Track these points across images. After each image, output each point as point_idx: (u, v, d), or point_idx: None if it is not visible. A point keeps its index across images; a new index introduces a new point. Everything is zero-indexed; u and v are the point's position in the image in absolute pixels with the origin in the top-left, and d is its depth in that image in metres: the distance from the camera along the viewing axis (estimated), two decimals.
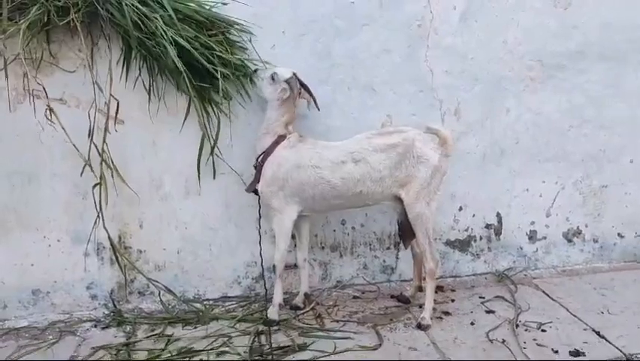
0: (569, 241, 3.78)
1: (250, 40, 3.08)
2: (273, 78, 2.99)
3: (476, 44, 3.41)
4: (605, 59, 3.57)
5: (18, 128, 2.99)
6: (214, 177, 3.21)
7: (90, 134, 2.90)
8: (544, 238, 3.75)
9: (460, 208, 3.61)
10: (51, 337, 3.00)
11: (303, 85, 3.03)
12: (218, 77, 2.92)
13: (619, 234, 3.83)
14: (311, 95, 3.07)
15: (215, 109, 3.10)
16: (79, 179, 3.04)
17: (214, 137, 3.10)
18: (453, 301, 3.37)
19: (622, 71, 3.61)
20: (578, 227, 3.77)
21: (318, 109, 3.11)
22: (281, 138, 2.99)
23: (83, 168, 2.95)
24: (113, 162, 3.00)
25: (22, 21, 2.74)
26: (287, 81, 2.96)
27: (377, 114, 3.38)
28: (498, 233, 3.68)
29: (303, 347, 2.84)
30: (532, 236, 3.73)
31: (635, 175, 3.76)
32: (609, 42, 3.55)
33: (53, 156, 3.04)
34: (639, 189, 3.79)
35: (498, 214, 3.66)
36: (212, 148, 3.12)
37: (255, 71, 3.05)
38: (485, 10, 3.38)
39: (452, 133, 3.36)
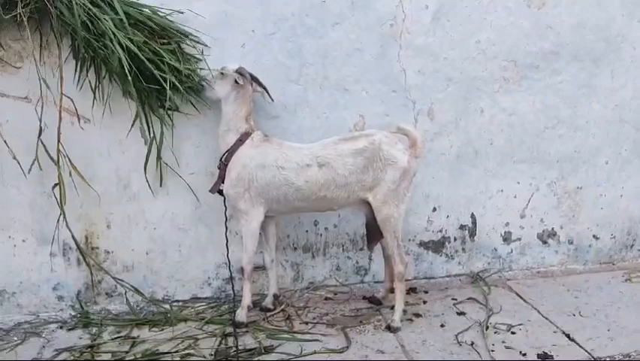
0: (544, 242, 3.76)
1: (203, 53, 3.04)
2: (222, 73, 2.96)
3: (449, 44, 3.38)
4: (580, 59, 3.54)
5: None
6: (161, 185, 3.17)
7: (40, 132, 2.90)
8: (519, 239, 3.72)
9: (434, 209, 3.58)
10: (15, 338, 2.96)
11: (253, 78, 3.00)
12: (167, 85, 2.87)
13: (594, 235, 3.81)
14: (263, 86, 3.05)
15: (161, 115, 3.05)
16: (44, 178, 3.01)
17: (158, 142, 3.06)
18: (425, 302, 3.34)
19: (596, 71, 3.58)
20: (552, 228, 3.75)
21: (272, 100, 3.10)
22: (245, 136, 2.96)
23: (31, 166, 2.94)
24: (71, 161, 2.95)
25: None
26: (237, 71, 2.93)
27: (349, 114, 3.35)
28: (472, 234, 3.66)
29: (269, 350, 2.81)
30: (506, 237, 3.70)
31: (610, 177, 3.75)
32: (583, 42, 3.53)
33: (18, 154, 2.97)
34: (614, 191, 3.78)
35: (472, 215, 3.63)
36: (158, 154, 3.10)
37: (222, 70, 2.99)
38: (458, 9, 3.34)
39: (425, 134, 3.39)
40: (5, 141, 2.88)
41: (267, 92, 3.08)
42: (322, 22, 3.22)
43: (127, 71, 2.78)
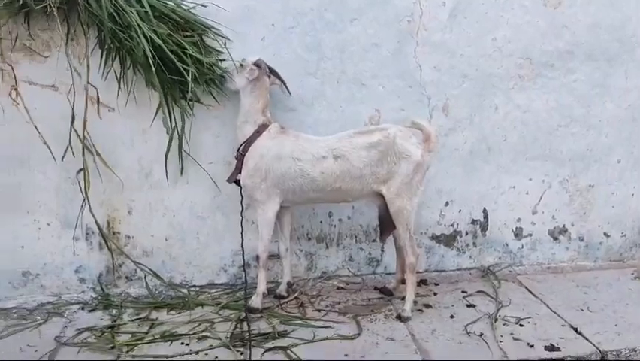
0: (555, 238, 3.80)
1: (225, 45, 3.13)
2: (241, 65, 3.05)
3: (465, 41, 3.44)
4: (594, 58, 3.58)
5: (10, 113, 3.06)
6: (181, 174, 3.26)
7: (72, 120, 3.02)
8: (530, 235, 3.77)
9: (447, 203, 3.64)
10: (39, 318, 3.07)
11: (272, 71, 3.08)
12: (188, 76, 2.96)
13: (605, 233, 3.85)
14: (281, 79, 3.13)
15: (182, 105, 3.15)
16: (69, 164, 3.12)
17: (180, 132, 3.15)
18: (435, 294, 3.41)
19: (610, 71, 3.62)
20: (564, 225, 3.80)
21: (290, 93, 3.19)
22: (262, 128, 3.04)
23: (64, 153, 3.07)
24: (95, 149, 3.06)
25: None
26: (255, 63, 3.02)
27: (365, 108, 3.42)
28: (484, 229, 3.71)
29: (282, 335, 2.89)
30: (517, 233, 3.76)
31: (621, 175, 3.78)
32: (598, 42, 3.56)
33: (45, 140, 3.08)
34: (626, 190, 3.81)
35: (484, 210, 3.69)
36: (179, 144, 3.19)
37: (242, 62, 3.08)
38: (474, 7, 3.40)
39: (440, 129, 3.44)
40: (36, 127, 2.99)
41: (285, 85, 3.16)
42: (341, 17, 3.29)
43: (151, 62, 2.87)
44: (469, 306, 3.25)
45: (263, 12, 3.20)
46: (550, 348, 2.82)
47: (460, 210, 3.66)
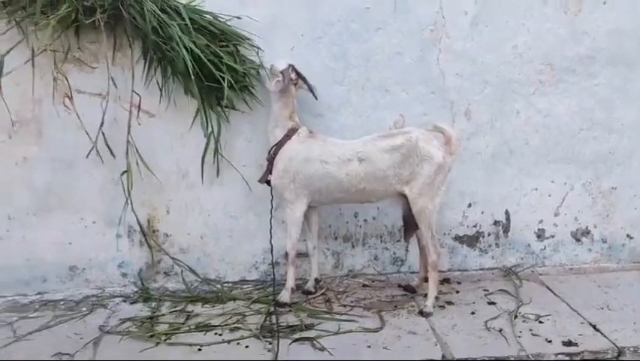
0: (577, 240, 3.87)
1: (258, 54, 3.34)
2: (271, 69, 3.24)
3: (486, 49, 3.56)
4: (615, 63, 3.66)
5: (61, 119, 3.32)
6: (217, 176, 3.46)
7: (101, 125, 3.25)
8: (553, 236, 3.84)
9: (469, 205, 3.75)
10: (84, 309, 3.31)
11: (300, 76, 3.25)
12: (224, 84, 3.17)
13: (628, 235, 3.90)
14: (308, 84, 3.29)
15: (218, 111, 3.35)
16: (113, 166, 3.35)
17: (216, 136, 3.36)
18: (457, 292, 3.52)
19: (631, 75, 3.69)
20: (586, 227, 3.86)
21: (316, 98, 3.35)
22: (291, 132, 3.21)
23: (90, 150, 3.29)
24: (138, 152, 3.30)
25: (52, 16, 3.05)
26: (281, 72, 3.18)
27: (390, 113, 3.57)
28: (506, 230, 3.80)
29: (309, 327, 3.05)
30: (540, 234, 3.83)
31: None
32: (618, 47, 3.64)
33: (91, 143, 3.31)
34: None
35: (506, 212, 3.78)
36: (216, 148, 3.39)
37: (271, 67, 3.26)
38: (495, 15, 3.52)
39: (462, 133, 3.56)
40: (87, 132, 3.23)
41: (312, 90, 3.32)
42: (366, 28, 3.46)
43: (191, 71, 3.10)
44: (490, 303, 3.35)
45: (293, 23, 3.39)
46: (568, 343, 2.89)
47: (482, 212, 3.77)
